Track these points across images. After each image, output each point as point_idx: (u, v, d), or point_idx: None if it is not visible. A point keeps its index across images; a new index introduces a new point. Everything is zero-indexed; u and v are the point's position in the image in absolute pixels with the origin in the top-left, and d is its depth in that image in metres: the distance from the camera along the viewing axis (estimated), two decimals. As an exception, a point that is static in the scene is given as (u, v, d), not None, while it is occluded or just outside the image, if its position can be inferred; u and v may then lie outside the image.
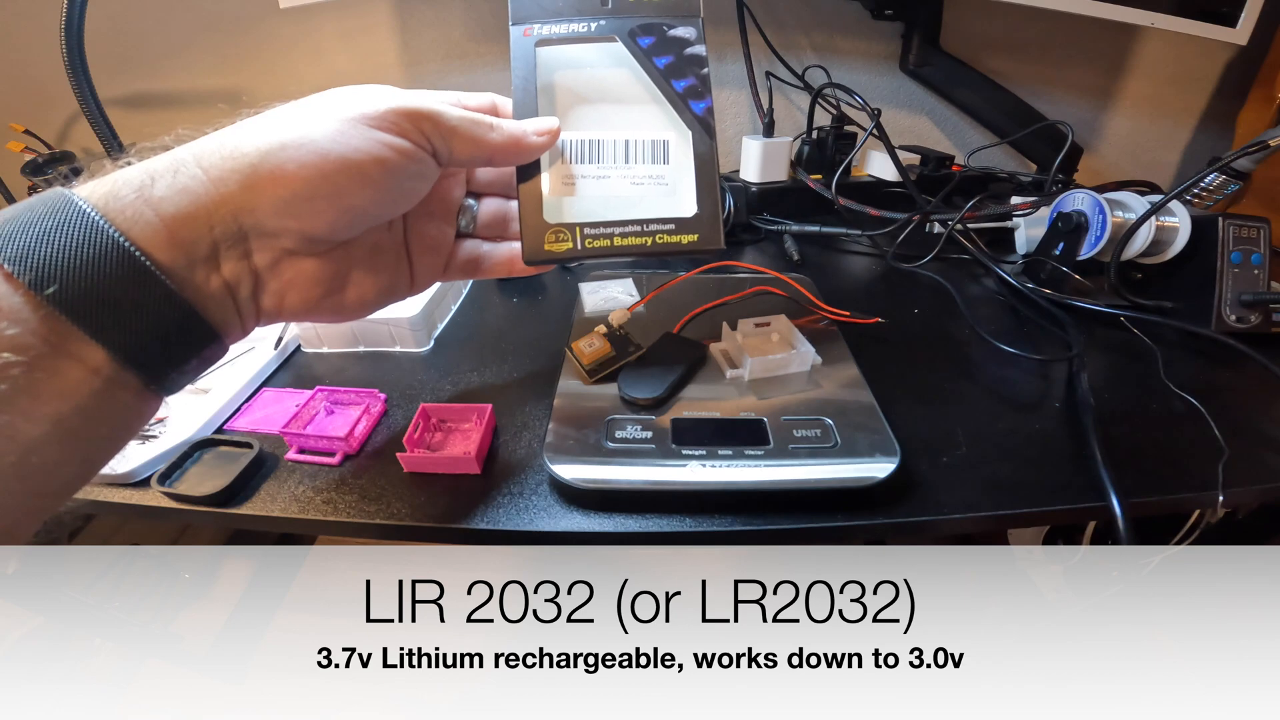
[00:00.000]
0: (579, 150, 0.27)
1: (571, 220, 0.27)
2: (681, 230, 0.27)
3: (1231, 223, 0.47)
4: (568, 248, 0.27)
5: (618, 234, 0.27)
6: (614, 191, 0.27)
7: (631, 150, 0.28)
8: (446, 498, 0.31)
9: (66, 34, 0.47)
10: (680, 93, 0.28)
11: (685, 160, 0.28)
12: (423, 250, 0.27)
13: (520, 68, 0.27)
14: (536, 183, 0.27)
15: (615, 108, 0.28)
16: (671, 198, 0.27)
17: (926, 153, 0.74)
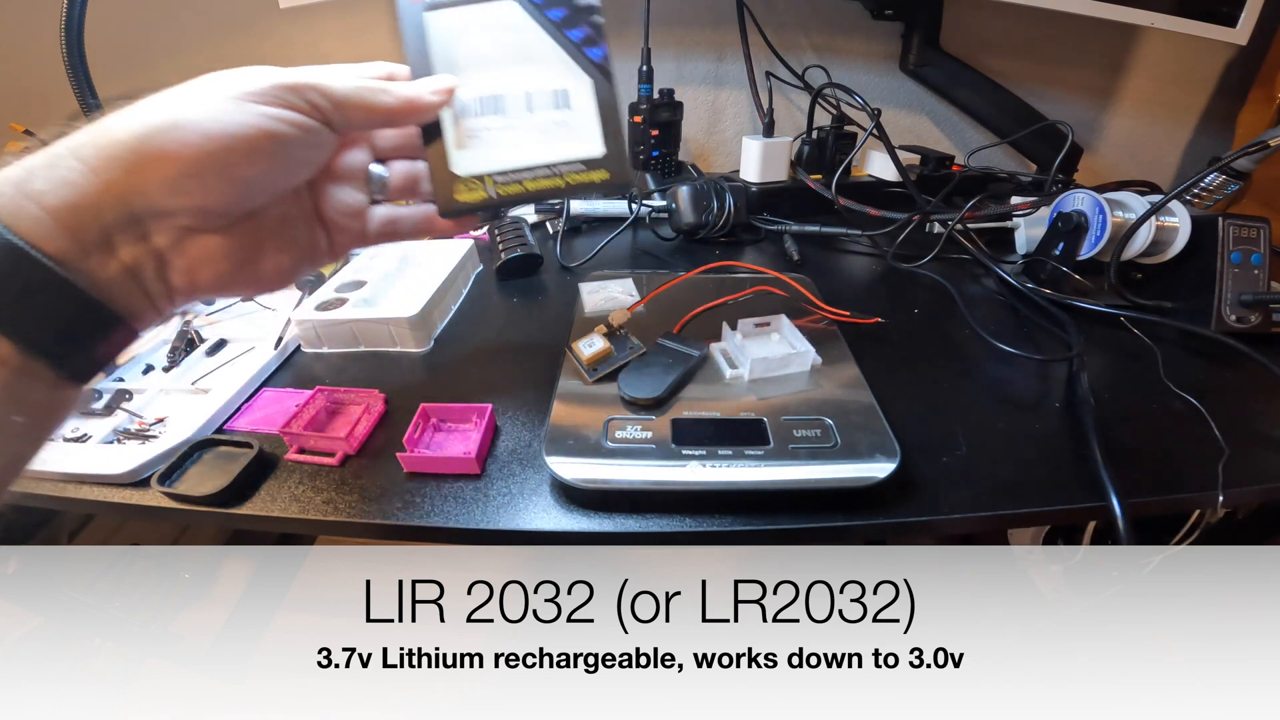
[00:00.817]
0: (481, 105, 0.28)
1: (481, 170, 0.28)
2: (591, 169, 0.29)
3: (1231, 223, 0.47)
4: (481, 197, 0.28)
5: (528, 178, 0.28)
6: (520, 140, 0.29)
7: (533, 100, 0.29)
8: (446, 498, 0.31)
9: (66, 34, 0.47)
10: (577, 42, 0.29)
11: (588, 105, 0.29)
12: (336, 217, 0.28)
13: (411, 34, 0.28)
14: (440, 140, 0.28)
15: (514, 63, 0.29)
16: (578, 140, 0.29)
17: (926, 153, 0.74)
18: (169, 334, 0.47)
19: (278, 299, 0.52)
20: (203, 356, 0.44)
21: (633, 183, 0.29)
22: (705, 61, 0.85)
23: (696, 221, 0.61)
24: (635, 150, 0.75)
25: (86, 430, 0.37)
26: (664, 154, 0.75)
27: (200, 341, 0.46)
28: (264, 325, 0.48)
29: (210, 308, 0.51)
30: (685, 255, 0.61)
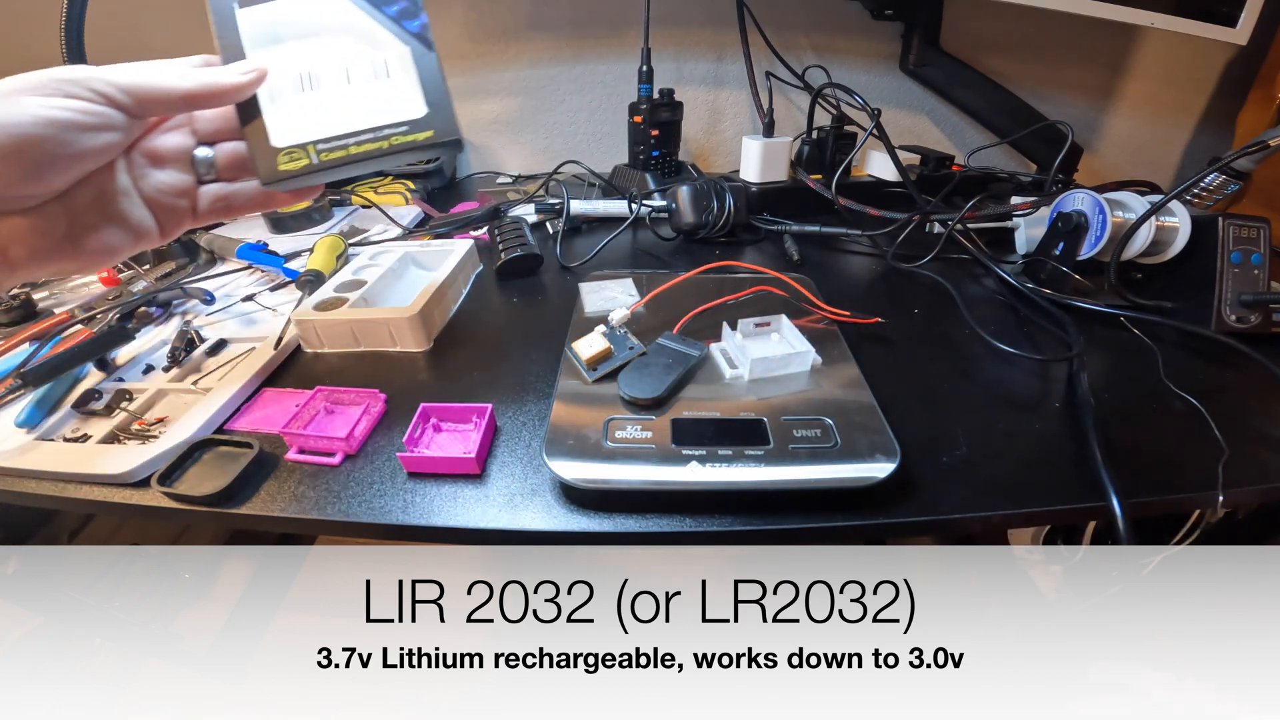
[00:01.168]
0: (299, 83, 0.30)
1: (302, 140, 0.29)
2: (415, 129, 0.30)
3: (1231, 223, 0.47)
4: (303, 164, 0.29)
5: (352, 143, 0.29)
6: (341, 109, 0.30)
7: (352, 73, 0.30)
8: (446, 498, 0.31)
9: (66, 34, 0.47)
10: (394, 16, 0.30)
11: (408, 72, 0.30)
12: (161, 197, 0.29)
13: (223, 30, 0.29)
14: (259, 119, 0.29)
15: (334, 40, 0.30)
16: (400, 104, 0.30)
17: (926, 153, 0.74)
18: (169, 334, 0.47)
19: (278, 299, 0.52)
20: (203, 356, 0.45)
21: (459, 137, 0.29)
22: (705, 61, 0.85)
23: (696, 221, 0.61)
24: (635, 150, 0.75)
25: (86, 430, 0.37)
26: (664, 154, 0.75)
27: (200, 341, 0.46)
28: (264, 325, 0.48)
29: (210, 308, 0.51)
30: (685, 255, 0.61)
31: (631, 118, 0.73)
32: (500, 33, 0.83)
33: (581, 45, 0.84)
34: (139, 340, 0.46)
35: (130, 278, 0.56)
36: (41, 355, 0.40)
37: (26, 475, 0.34)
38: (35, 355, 0.41)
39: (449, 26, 0.82)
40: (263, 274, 0.58)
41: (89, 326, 0.45)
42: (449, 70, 0.30)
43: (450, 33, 0.82)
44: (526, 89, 0.87)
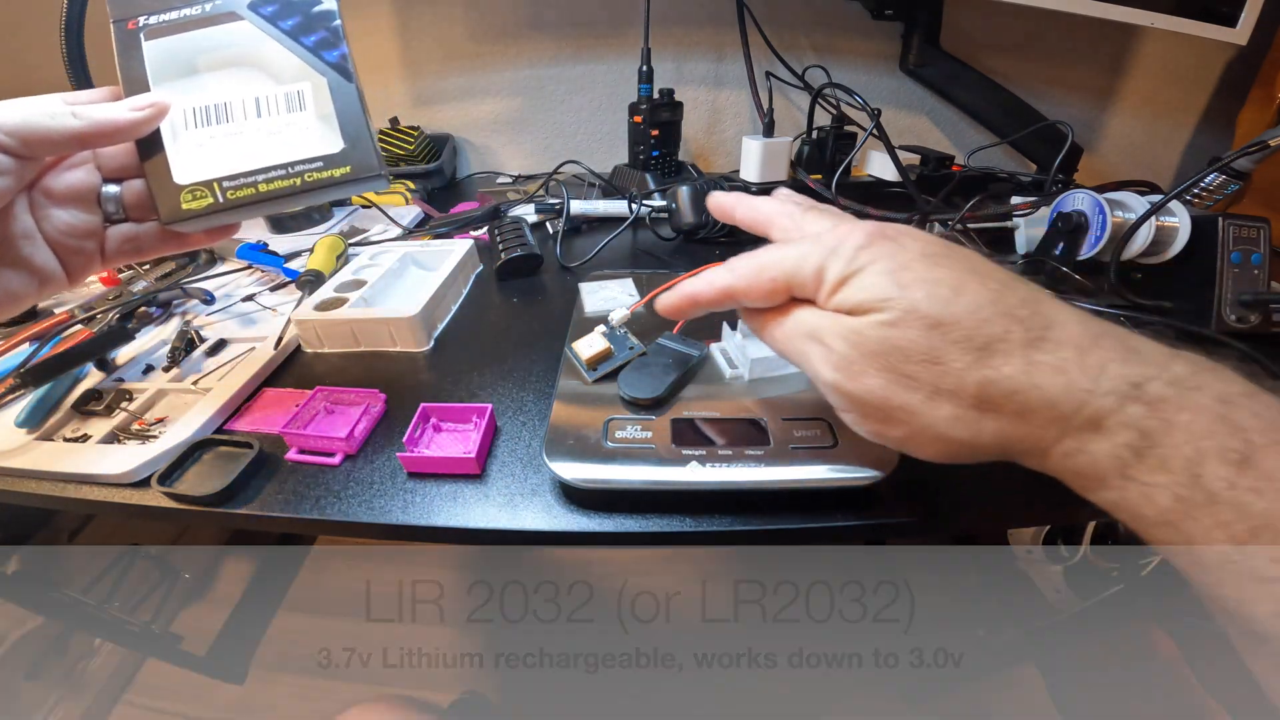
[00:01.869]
0: (206, 115, 0.28)
1: (207, 177, 0.28)
2: (331, 165, 0.28)
3: (1231, 223, 0.47)
4: (208, 203, 0.28)
5: (261, 180, 0.28)
6: (250, 145, 0.28)
7: (263, 105, 0.29)
8: (446, 498, 0.31)
9: (66, 34, 0.47)
10: (311, 46, 0.29)
11: (324, 104, 0.29)
12: (67, 240, 0.28)
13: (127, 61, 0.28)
14: (162, 154, 0.28)
15: (244, 72, 0.29)
16: (315, 139, 0.28)
17: (926, 153, 0.74)
18: (169, 334, 0.47)
19: (278, 299, 0.52)
20: (203, 356, 0.45)
21: (380, 173, 0.28)
22: (705, 61, 0.85)
23: (696, 221, 0.61)
24: (635, 150, 0.75)
25: (86, 430, 0.37)
26: (664, 154, 0.75)
27: (200, 341, 0.46)
28: (264, 325, 0.48)
29: (210, 308, 0.51)
30: (685, 255, 0.61)
31: (631, 118, 0.73)
32: (500, 33, 0.83)
33: (581, 45, 0.84)
34: (139, 340, 0.46)
35: (130, 278, 0.56)
36: (41, 355, 0.40)
37: (26, 475, 0.34)
38: (35, 355, 0.41)
39: (449, 26, 0.82)
40: (263, 274, 0.58)
41: (89, 326, 0.45)
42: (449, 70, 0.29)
43: (450, 33, 0.82)
44: (526, 89, 0.87)
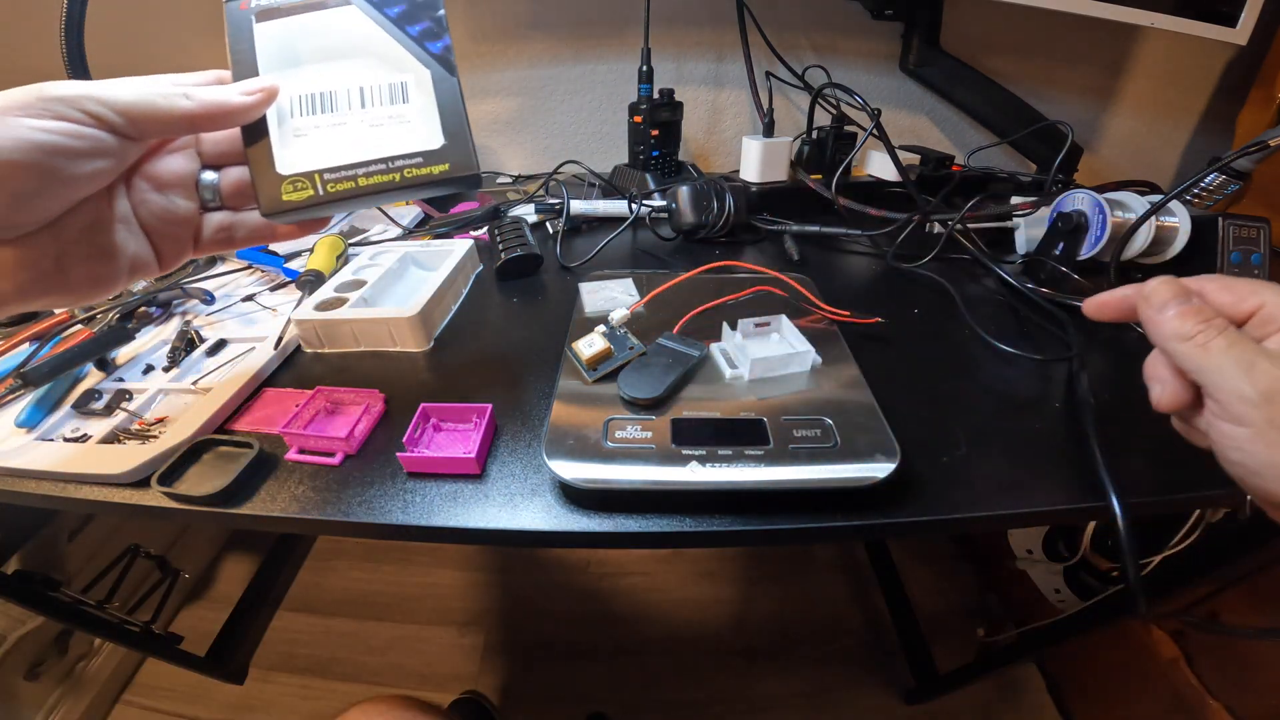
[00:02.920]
0: (310, 104, 0.28)
1: (309, 168, 0.27)
2: (430, 162, 0.28)
3: (1231, 223, 0.47)
4: (308, 195, 0.27)
5: (362, 174, 0.27)
6: (353, 136, 0.28)
7: (368, 95, 0.28)
8: (446, 498, 0.31)
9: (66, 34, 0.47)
10: (415, 36, 0.28)
11: (427, 97, 0.28)
12: (160, 225, 0.27)
13: (237, 42, 0.28)
14: (265, 141, 0.27)
15: (350, 61, 0.28)
16: (416, 133, 0.28)
17: (926, 153, 0.74)
18: (169, 334, 0.47)
19: (278, 299, 0.52)
20: (203, 356, 0.45)
21: (477, 173, 0.27)
22: (705, 61, 0.85)
23: (696, 221, 0.61)
24: (635, 150, 0.75)
25: (86, 430, 0.37)
26: (664, 154, 0.75)
27: (200, 341, 0.46)
28: (264, 325, 0.48)
29: (210, 308, 0.51)
30: (685, 255, 0.61)
31: (631, 118, 0.73)
32: (500, 33, 0.83)
33: (581, 45, 0.84)
34: (139, 340, 0.46)
35: (130, 278, 0.56)
36: (41, 355, 0.40)
37: (26, 475, 0.34)
38: (35, 355, 0.41)
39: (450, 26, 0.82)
40: (263, 274, 0.58)
41: (89, 326, 0.45)
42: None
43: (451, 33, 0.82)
44: (526, 89, 0.87)
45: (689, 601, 1.05)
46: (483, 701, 0.88)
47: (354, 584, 1.09)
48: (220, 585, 1.10)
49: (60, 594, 0.68)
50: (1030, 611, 0.89)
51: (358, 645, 0.99)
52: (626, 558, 1.13)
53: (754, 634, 1.00)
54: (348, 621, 1.03)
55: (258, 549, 1.11)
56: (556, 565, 1.10)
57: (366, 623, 1.02)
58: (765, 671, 0.95)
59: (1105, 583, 0.71)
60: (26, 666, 0.80)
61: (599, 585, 1.07)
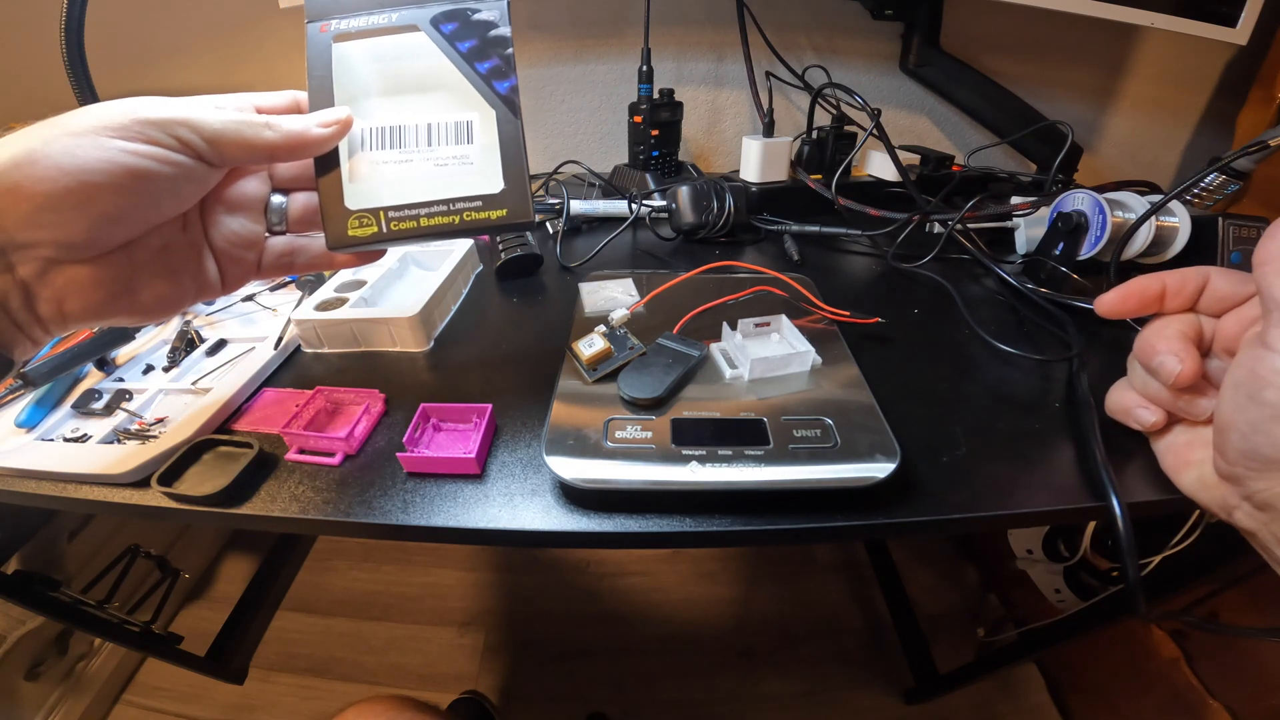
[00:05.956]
0: (380, 137, 0.28)
1: (375, 205, 0.27)
2: (489, 206, 0.28)
3: (1231, 223, 0.47)
4: (372, 232, 0.27)
5: (424, 215, 0.28)
6: (418, 174, 0.28)
7: (435, 133, 0.28)
8: (446, 498, 0.31)
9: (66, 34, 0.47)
10: (484, 74, 0.28)
11: (490, 139, 0.28)
12: (229, 248, 0.28)
13: (316, 64, 0.28)
14: (336, 172, 0.27)
15: (419, 95, 0.28)
16: (478, 176, 0.28)
17: (926, 153, 0.74)
18: (169, 334, 0.47)
19: (278, 299, 0.52)
20: (203, 356, 0.45)
21: (532, 222, 0.28)
22: (705, 61, 0.85)
23: (696, 221, 0.61)
24: (635, 150, 0.75)
25: (86, 430, 0.37)
26: (664, 154, 0.75)
27: (200, 341, 0.46)
28: (264, 325, 0.48)
29: (210, 308, 0.51)
30: (685, 255, 0.61)
31: (631, 118, 0.73)
32: (500, 33, 0.83)
33: (581, 45, 0.84)
34: (139, 340, 0.46)
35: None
36: (41, 355, 0.40)
37: (26, 475, 0.34)
38: (35, 355, 0.41)
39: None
40: (262, 274, 0.58)
41: (89, 327, 0.45)
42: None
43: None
44: (526, 89, 0.87)
45: (689, 601, 1.05)
46: (483, 701, 0.88)
47: (354, 584, 1.09)
48: (220, 585, 1.10)
49: (60, 594, 0.68)
50: (1030, 611, 0.89)
51: (358, 645, 0.99)
52: (626, 558, 1.13)
53: (754, 634, 1.00)
54: (347, 621, 1.03)
55: (258, 549, 1.11)
56: (556, 565, 1.10)
57: (366, 623, 1.02)
58: (765, 671, 0.95)
59: (1105, 583, 0.71)
60: (26, 666, 0.80)
61: (599, 585, 1.07)
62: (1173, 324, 0.29)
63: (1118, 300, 0.31)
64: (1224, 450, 0.25)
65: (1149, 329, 0.30)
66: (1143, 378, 0.31)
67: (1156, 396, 0.30)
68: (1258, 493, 0.24)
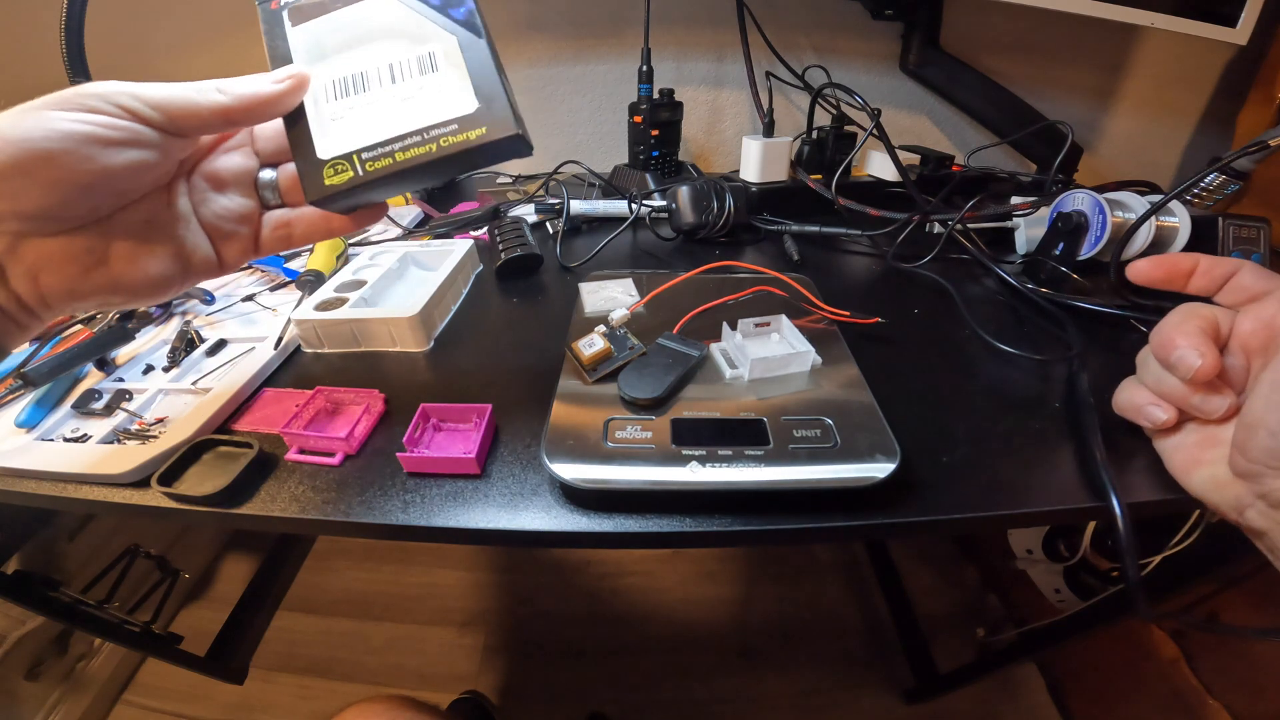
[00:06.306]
0: (344, 86, 0.28)
1: (347, 150, 0.27)
2: (466, 127, 0.27)
3: (1231, 223, 0.47)
4: (349, 177, 0.27)
5: (398, 149, 0.27)
6: (386, 113, 0.27)
7: (397, 71, 0.28)
8: (446, 498, 0.31)
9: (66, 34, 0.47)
10: (437, 6, 0.28)
11: (456, 64, 0.28)
12: (221, 224, 0.28)
13: (271, 35, 0.28)
14: (304, 126, 0.27)
15: (379, 43, 0.28)
16: (448, 101, 0.28)
17: (926, 153, 0.74)
18: (169, 334, 0.47)
19: (278, 299, 0.52)
20: (203, 356, 0.45)
21: (518, 133, 0.27)
22: (705, 61, 0.85)
23: (696, 221, 0.61)
24: (635, 150, 0.75)
25: (86, 430, 0.37)
26: (664, 154, 0.75)
27: (200, 341, 0.46)
28: (264, 325, 0.48)
29: (210, 308, 0.51)
30: (685, 255, 0.61)
31: (631, 118, 0.73)
32: (500, 33, 0.83)
33: (581, 45, 0.84)
34: (139, 340, 0.46)
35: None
36: (41, 355, 0.40)
37: (26, 475, 0.34)
38: (35, 355, 0.41)
39: None
40: (262, 274, 0.58)
41: (89, 326, 0.45)
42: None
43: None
44: (526, 89, 0.87)
45: (689, 601, 1.05)
46: (483, 701, 0.88)
47: (354, 584, 1.09)
48: (220, 585, 1.10)
49: (60, 594, 0.68)
50: (1030, 611, 0.89)
51: (357, 645, 0.99)
52: (626, 558, 1.13)
53: (754, 634, 1.00)
54: (347, 621, 1.03)
55: (258, 549, 1.11)
56: (556, 565, 1.10)
57: (366, 623, 1.02)
58: (765, 671, 0.95)
59: (1105, 583, 0.71)
60: (26, 666, 0.80)
61: (599, 585, 1.07)
62: (1191, 319, 0.29)
63: (1150, 266, 0.32)
64: (1247, 448, 0.25)
65: (1167, 323, 0.29)
66: (1156, 374, 0.30)
67: (1170, 393, 0.30)
68: (1274, 491, 0.24)
